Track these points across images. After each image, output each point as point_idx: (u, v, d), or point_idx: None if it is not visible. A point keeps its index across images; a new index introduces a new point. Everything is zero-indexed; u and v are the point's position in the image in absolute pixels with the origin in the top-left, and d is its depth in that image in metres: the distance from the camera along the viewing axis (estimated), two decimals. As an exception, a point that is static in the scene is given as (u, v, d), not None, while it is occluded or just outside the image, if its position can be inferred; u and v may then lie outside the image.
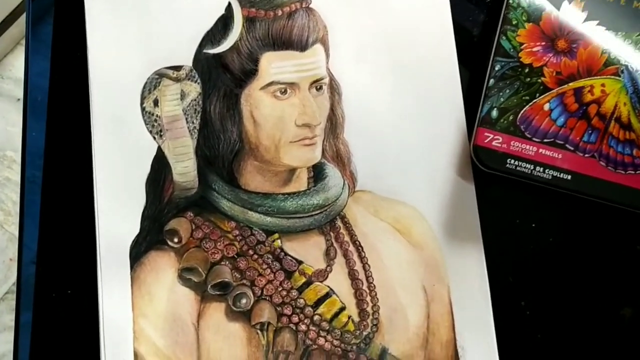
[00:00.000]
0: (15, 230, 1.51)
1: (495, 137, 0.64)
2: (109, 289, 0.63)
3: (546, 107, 0.64)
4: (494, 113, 0.64)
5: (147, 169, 0.65)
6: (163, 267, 0.63)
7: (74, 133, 0.66)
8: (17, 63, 1.65)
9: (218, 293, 0.64)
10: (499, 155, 0.64)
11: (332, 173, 0.66)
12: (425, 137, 0.67)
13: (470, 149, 0.65)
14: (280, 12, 0.64)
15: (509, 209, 0.67)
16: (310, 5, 0.66)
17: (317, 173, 0.66)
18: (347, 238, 0.66)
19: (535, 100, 0.64)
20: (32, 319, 0.64)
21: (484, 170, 0.65)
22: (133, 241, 0.64)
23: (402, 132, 0.67)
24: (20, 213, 0.64)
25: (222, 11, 0.66)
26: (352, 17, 0.68)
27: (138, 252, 0.64)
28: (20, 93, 0.64)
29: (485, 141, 0.64)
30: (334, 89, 0.66)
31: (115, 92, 0.65)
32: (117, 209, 0.64)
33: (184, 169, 0.64)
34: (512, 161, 0.64)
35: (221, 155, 0.65)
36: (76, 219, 0.65)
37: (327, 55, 0.67)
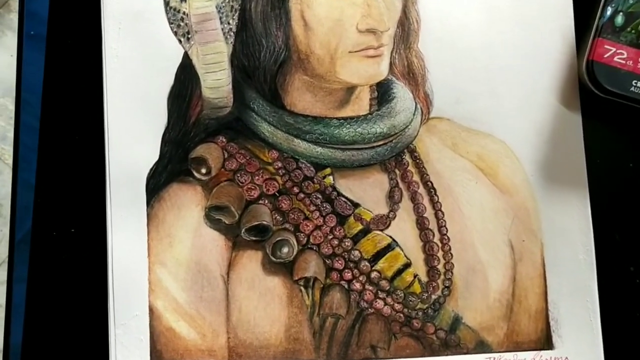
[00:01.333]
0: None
1: (619, 50, 0.57)
2: (121, 228, 0.58)
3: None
4: (619, 19, 0.57)
5: (170, 80, 0.59)
6: (187, 203, 0.58)
7: (80, 31, 0.60)
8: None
9: (254, 239, 0.58)
10: (622, 74, 0.57)
11: (402, 94, 0.60)
12: (522, 50, 0.60)
13: (583, 66, 0.58)
14: None
15: (625, 148, 0.61)
16: None
17: (382, 93, 0.60)
18: (416, 177, 0.60)
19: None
20: (29, 263, 0.59)
21: (597, 94, 0.58)
22: (151, 170, 0.59)
23: (492, 43, 0.60)
24: (15, 139, 0.59)
25: None
26: None
27: (157, 183, 0.59)
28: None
29: (605, 56, 0.57)
30: None
31: None
32: (131, 129, 0.59)
33: (216, 81, 0.59)
34: None
35: (263, 67, 0.59)
36: (81, 139, 0.60)
37: None
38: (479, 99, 0.59)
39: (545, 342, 0.57)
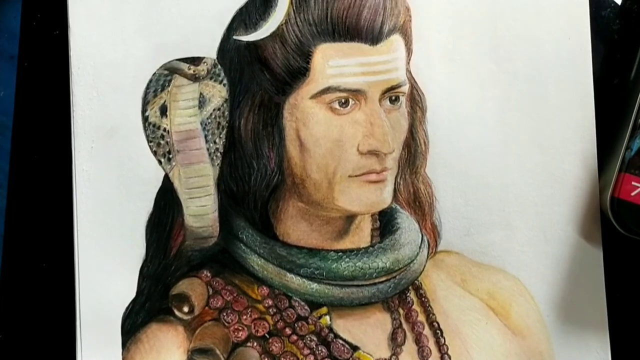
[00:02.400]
0: None
1: (648, 190, 0.55)
2: None
3: None
4: (649, 155, 0.56)
5: (148, 206, 0.57)
6: (167, 346, 0.55)
7: (49, 150, 0.57)
8: None
9: None
10: (651, 216, 0.55)
11: (407, 224, 0.57)
12: (539, 176, 0.58)
13: (607, 201, 0.55)
14: None
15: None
16: (389, -23, 0.57)
17: (385, 223, 0.57)
18: (421, 317, 0.57)
19: None
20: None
21: (622, 233, 0.55)
22: (127, 308, 0.56)
23: (507, 168, 0.58)
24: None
25: (261, -21, 0.57)
26: (448, -5, 0.57)
27: (133, 324, 0.56)
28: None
29: (633, 194, 0.54)
30: (416, 102, 0.57)
31: (105, 93, 0.57)
32: (104, 262, 0.56)
33: (201, 208, 0.56)
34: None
35: (253, 192, 0.55)
36: (48, 270, 0.57)
37: (409, 52, 0.57)
38: (491, 231, 0.57)
39: None
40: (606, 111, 0.56)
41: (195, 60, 0.56)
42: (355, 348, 0.55)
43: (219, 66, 0.55)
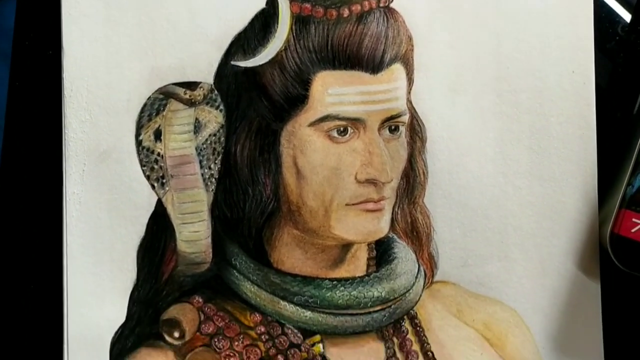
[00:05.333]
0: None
1: (649, 228, 0.55)
2: None
3: None
4: (650, 192, 0.55)
5: (140, 230, 0.56)
6: None
7: (39, 174, 0.56)
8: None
9: None
10: (652, 254, 0.55)
11: (403, 254, 0.56)
12: (539, 209, 0.57)
13: (606, 237, 0.54)
14: (346, 13, 0.53)
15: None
16: (391, 5, 0.55)
17: (381, 252, 0.57)
18: (415, 347, 0.56)
19: None
20: None
21: (620, 269, 0.55)
22: (116, 333, 0.55)
23: (506, 200, 0.57)
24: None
25: (261, 4, 0.56)
26: (450, 25, 0.57)
27: (122, 348, 0.55)
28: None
29: (633, 230, 0.54)
30: (416, 132, 0.57)
31: (98, 116, 0.56)
32: (93, 286, 0.56)
33: (194, 234, 0.55)
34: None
35: (247, 218, 0.55)
36: (36, 293, 0.56)
37: (410, 82, 0.56)
38: (488, 262, 0.56)
39: None
40: (608, 144, 0.55)
41: (191, 85, 0.55)
42: (348, 378, 0.55)
43: (216, 91, 0.55)
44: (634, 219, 0.53)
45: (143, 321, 0.55)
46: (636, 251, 0.53)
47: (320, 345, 0.55)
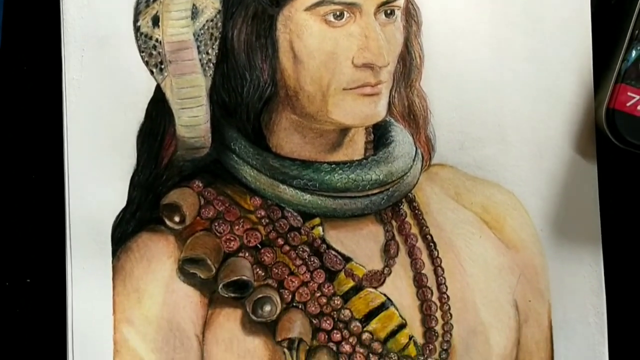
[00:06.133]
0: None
1: (644, 100, 0.54)
2: (82, 282, 0.55)
3: None
4: (646, 65, 0.55)
5: (140, 116, 0.56)
6: (158, 255, 0.55)
7: (38, 58, 0.56)
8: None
9: (233, 295, 0.55)
10: (647, 127, 0.55)
11: (401, 137, 0.57)
12: (535, 92, 0.57)
13: (602, 113, 0.55)
14: None
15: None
16: None
17: (379, 136, 0.57)
18: (414, 230, 0.57)
19: None
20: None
21: (617, 145, 0.55)
22: (117, 217, 0.56)
23: (502, 83, 0.57)
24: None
25: None
26: None
27: (124, 232, 0.56)
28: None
29: (628, 104, 0.54)
30: (411, 16, 0.57)
31: (96, 1, 0.56)
32: (94, 171, 0.56)
33: (193, 119, 0.55)
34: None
35: (245, 103, 0.55)
36: (38, 180, 0.57)
37: None
38: (486, 145, 0.57)
39: (550, 412, 0.56)
40: (602, 28, 0.56)
41: (188, -31, 0.55)
42: (347, 259, 0.56)
43: (213, -24, 0.55)
44: (629, 93, 0.53)
45: (143, 206, 0.55)
46: (631, 125, 0.53)
47: (320, 228, 0.55)
